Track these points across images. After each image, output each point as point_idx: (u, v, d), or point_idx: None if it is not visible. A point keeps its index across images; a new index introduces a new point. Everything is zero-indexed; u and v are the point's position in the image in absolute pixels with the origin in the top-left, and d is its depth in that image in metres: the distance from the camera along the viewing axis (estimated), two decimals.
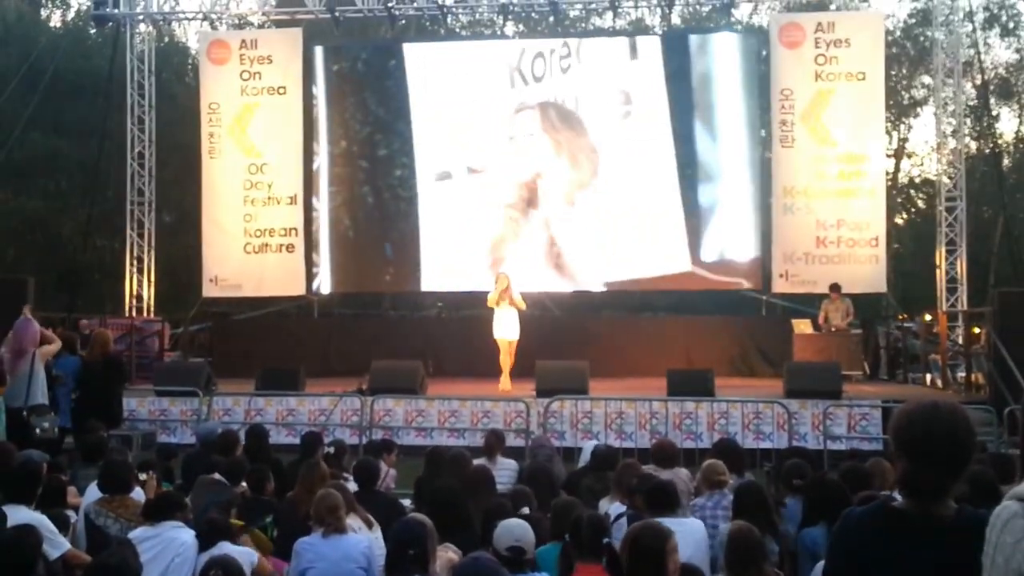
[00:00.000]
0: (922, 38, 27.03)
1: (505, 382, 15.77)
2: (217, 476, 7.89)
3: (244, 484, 7.71)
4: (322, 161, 20.54)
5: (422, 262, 19.94)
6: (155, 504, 6.51)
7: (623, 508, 6.93)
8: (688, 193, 19.31)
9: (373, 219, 20.35)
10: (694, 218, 19.29)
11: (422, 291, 20.88)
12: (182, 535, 6.19)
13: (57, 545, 6.11)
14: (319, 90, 20.71)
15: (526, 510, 6.73)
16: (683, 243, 19.19)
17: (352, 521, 6.48)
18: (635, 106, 19.47)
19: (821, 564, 4.19)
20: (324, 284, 20.46)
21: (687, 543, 5.53)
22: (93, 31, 26.55)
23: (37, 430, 10.30)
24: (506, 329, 15.90)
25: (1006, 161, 29.00)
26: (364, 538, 6.32)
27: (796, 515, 6.87)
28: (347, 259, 20.50)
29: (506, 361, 15.86)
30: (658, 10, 22.22)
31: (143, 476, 7.59)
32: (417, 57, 20.32)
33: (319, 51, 20.83)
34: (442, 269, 19.89)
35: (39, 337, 11.13)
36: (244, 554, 6.03)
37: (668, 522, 5.22)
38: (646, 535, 4.75)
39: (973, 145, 27.94)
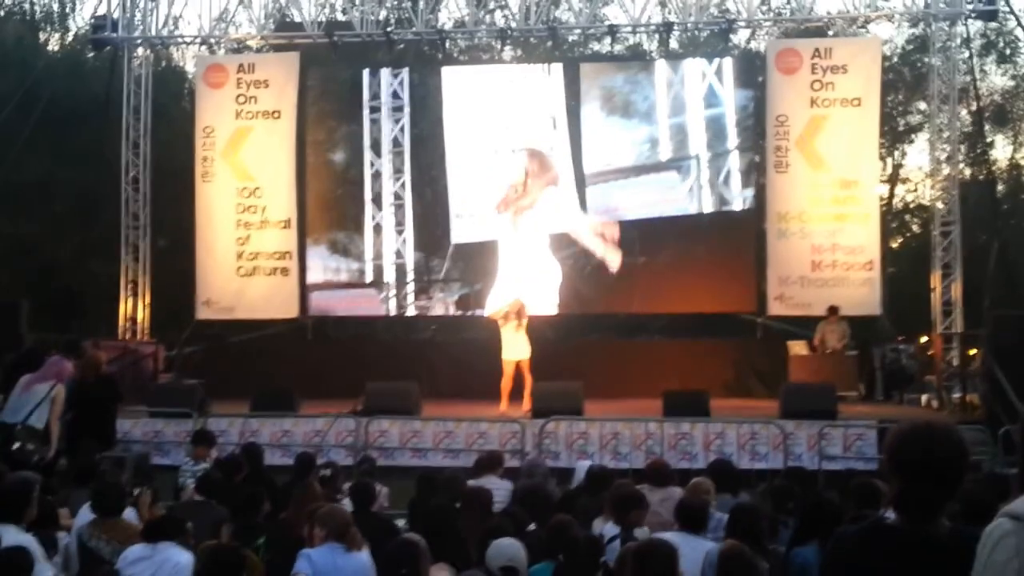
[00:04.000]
0: (919, 64, 27.07)
1: (505, 404, 15.70)
2: (199, 497, 7.88)
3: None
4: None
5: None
6: (156, 524, 6.48)
7: (616, 529, 6.92)
8: None
9: None
10: None
11: (416, 315, 20.89)
12: (178, 556, 6.17)
13: (40, 572, 6.03)
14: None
15: (532, 526, 6.73)
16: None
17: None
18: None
19: None
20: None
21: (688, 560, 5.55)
22: (91, 55, 26.56)
23: (16, 444, 10.26)
24: (518, 349, 15.78)
25: (1000, 187, 29.01)
26: (367, 555, 6.31)
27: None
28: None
29: (507, 385, 15.77)
30: (656, 36, 22.27)
31: (136, 491, 7.57)
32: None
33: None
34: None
35: (65, 376, 11.18)
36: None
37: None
38: (656, 551, 4.76)
39: (967, 171, 27.99)
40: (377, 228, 20.33)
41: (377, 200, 20.36)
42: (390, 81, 20.50)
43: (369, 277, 20.35)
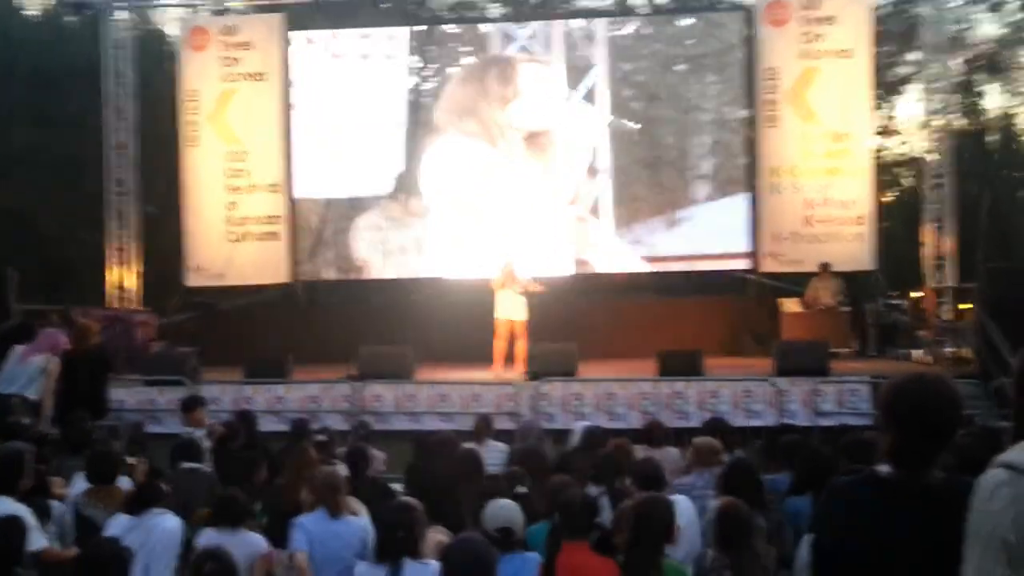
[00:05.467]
0: (908, 14, 26.95)
1: (498, 366, 15.68)
2: (195, 464, 7.88)
3: None
4: None
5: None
6: (136, 496, 6.49)
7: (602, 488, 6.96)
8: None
9: None
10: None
11: (408, 278, 20.83)
12: (165, 522, 6.18)
13: (33, 541, 6.03)
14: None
15: (523, 488, 6.73)
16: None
17: (352, 502, 6.49)
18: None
19: (807, 537, 4.20)
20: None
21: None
22: (71, 19, 26.31)
23: (13, 418, 10.26)
24: (512, 309, 15.76)
25: (992, 137, 28.97)
26: (364, 520, 6.31)
27: (781, 489, 6.89)
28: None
29: (501, 346, 15.75)
30: None
31: (131, 460, 7.57)
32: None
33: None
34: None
35: (59, 349, 11.16)
36: (252, 544, 6.03)
37: None
38: (655, 508, 4.78)
39: (959, 122, 27.93)
40: None
41: None
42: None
43: None
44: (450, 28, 20.98)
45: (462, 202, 19.70)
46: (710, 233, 19.42)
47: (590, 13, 23.91)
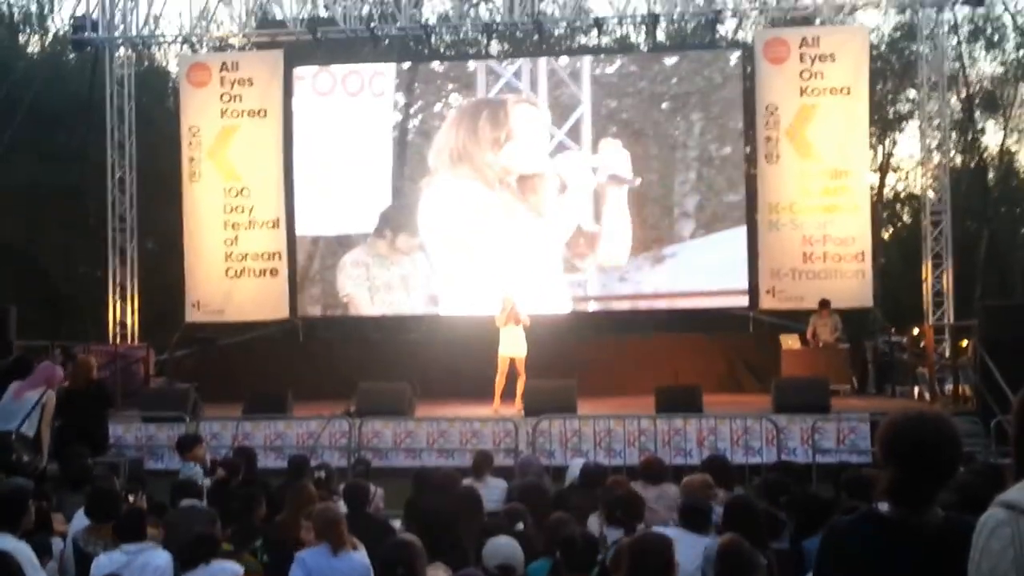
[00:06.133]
0: (907, 52, 27.12)
1: (497, 402, 15.71)
2: (194, 501, 7.87)
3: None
4: None
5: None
6: (123, 524, 6.47)
7: (616, 532, 6.93)
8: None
9: None
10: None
11: (407, 315, 20.82)
12: (155, 558, 6.16)
13: None
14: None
15: (520, 526, 6.72)
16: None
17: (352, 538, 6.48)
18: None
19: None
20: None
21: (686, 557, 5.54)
22: (72, 56, 26.48)
23: (14, 456, 10.23)
24: (514, 347, 15.82)
25: (991, 174, 29.10)
26: (365, 556, 6.29)
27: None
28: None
29: (500, 382, 15.78)
30: (643, 27, 22.29)
31: (131, 498, 7.56)
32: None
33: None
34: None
35: (55, 382, 11.12)
36: (227, 571, 6.00)
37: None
38: (653, 545, 4.77)
39: (958, 159, 28.08)
40: None
41: None
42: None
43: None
44: (436, 65, 21.08)
45: (456, 241, 19.70)
46: (695, 270, 19.52)
47: (589, 50, 23.99)
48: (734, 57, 20.30)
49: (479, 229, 19.56)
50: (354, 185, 20.32)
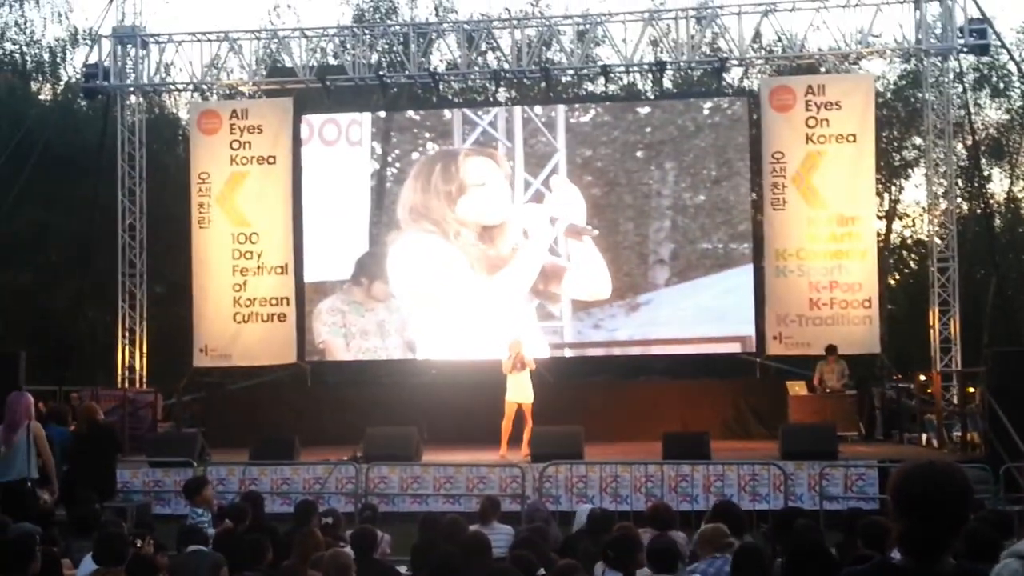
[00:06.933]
0: (913, 99, 27.23)
1: (504, 448, 15.68)
2: (199, 547, 7.86)
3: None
4: None
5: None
6: (133, 570, 6.47)
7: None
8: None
9: None
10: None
11: (417, 360, 20.80)
12: None
13: None
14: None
15: (542, 572, 6.71)
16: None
17: None
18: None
19: None
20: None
21: None
22: (83, 103, 26.69)
23: (41, 501, 10.25)
24: (521, 392, 15.82)
25: (997, 221, 29.13)
26: None
27: None
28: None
29: (507, 428, 15.77)
30: (649, 75, 22.46)
31: (139, 543, 7.54)
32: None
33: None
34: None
35: (32, 410, 11.07)
36: None
37: None
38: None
39: (965, 205, 28.13)
40: None
41: None
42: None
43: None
44: (411, 114, 21.16)
45: (423, 295, 19.55)
46: (671, 317, 19.50)
47: (595, 98, 24.17)
48: (707, 107, 20.29)
49: (444, 282, 19.40)
50: (331, 232, 20.41)
